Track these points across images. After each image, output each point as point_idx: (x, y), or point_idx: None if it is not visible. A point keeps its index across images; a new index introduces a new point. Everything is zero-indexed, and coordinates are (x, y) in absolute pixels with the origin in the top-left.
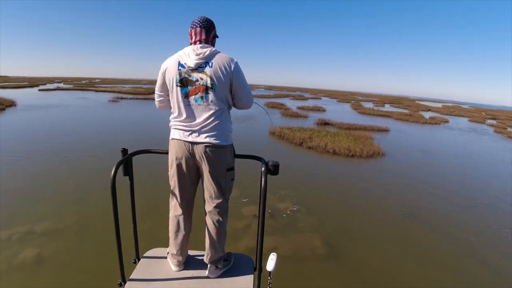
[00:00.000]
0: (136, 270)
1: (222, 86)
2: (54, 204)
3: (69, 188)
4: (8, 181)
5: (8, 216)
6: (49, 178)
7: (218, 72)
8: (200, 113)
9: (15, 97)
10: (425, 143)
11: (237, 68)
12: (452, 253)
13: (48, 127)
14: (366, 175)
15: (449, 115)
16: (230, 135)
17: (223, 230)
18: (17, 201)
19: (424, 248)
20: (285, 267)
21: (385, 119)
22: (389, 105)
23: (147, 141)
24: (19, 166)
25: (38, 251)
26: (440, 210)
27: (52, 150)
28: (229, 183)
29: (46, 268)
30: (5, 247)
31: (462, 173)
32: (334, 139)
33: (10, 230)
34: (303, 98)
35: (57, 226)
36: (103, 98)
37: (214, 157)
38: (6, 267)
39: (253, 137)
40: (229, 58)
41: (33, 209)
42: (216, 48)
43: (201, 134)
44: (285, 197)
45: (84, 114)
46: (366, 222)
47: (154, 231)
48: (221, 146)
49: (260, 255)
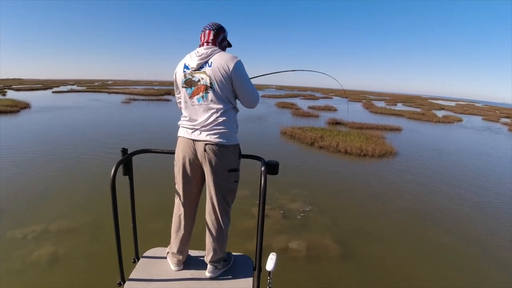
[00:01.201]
0: (136, 270)
1: (222, 85)
2: (68, 204)
3: (84, 187)
4: (24, 180)
5: (24, 215)
6: (64, 178)
7: (217, 71)
8: (202, 113)
9: (30, 99)
10: (439, 142)
11: (237, 66)
12: (467, 253)
13: (62, 128)
14: (379, 174)
15: (463, 113)
16: (233, 135)
17: (223, 232)
18: (32, 200)
19: (439, 248)
20: (298, 267)
21: (397, 118)
22: (401, 104)
23: (160, 141)
24: (35, 166)
25: (52, 249)
26: (454, 210)
27: (67, 150)
28: (231, 185)
29: (58, 267)
30: (20, 246)
31: (476, 172)
32: (345, 138)
33: (26, 229)
34: (314, 98)
35: (71, 225)
36: (116, 99)
37: (214, 156)
38: (21, 266)
39: (264, 136)
40: (230, 57)
41: (48, 209)
42: (221, 49)
43: (202, 132)
44: (298, 196)
45: (98, 115)
46: (379, 221)
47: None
48: (222, 145)
49: (259, 255)
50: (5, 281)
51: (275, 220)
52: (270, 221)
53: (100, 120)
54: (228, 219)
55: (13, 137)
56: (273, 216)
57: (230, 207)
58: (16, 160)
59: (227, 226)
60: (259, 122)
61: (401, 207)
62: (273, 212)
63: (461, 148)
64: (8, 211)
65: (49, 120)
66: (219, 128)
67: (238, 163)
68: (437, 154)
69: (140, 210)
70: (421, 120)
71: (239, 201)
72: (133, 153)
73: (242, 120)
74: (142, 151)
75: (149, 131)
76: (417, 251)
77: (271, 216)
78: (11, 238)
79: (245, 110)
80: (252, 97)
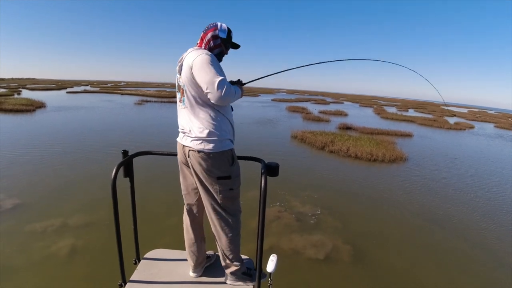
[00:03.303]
0: (137, 271)
1: (189, 84)
2: (86, 199)
3: (101, 183)
4: (43, 176)
5: (44, 209)
6: (81, 173)
7: (185, 72)
8: (185, 117)
9: (45, 99)
10: (449, 148)
11: (198, 59)
12: (475, 258)
13: (79, 126)
14: (388, 179)
15: (475, 120)
16: (219, 141)
17: (222, 240)
18: (51, 195)
19: (448, 252)
20: (310, 266)
21: (408, 124)
22: (412, 110)
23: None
24: (53, 163)
25: (71, 242)
26: (464, 216)
27: (85, 148)
28: (226, 193)
29: (76, 260)
30: (40, 239)
31: (487, 179)
32: (356, 143)
33: (45, 223)
34: (325, 103)
35: (89, 219)
36: (129, 100)
37: (197, 163)
38: (40, 258)
39: (275, 140)
40: (195, 53)
41: (66, 203)
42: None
43: (186, 137)
44: (308, 199)
45: (113, 115)
46: (389, 225)
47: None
48: (204, 152)
49: (260, 256)
50: (26, 271)
51: (286, 222)
52: (282, 223)
53: (115, 120)
54: (230, 227)
55: (30, 135)
56: (284, 217)
57: (232, 215)
58: (35, 157)
59: (230, 234)
60: (270, 126)
61: (411, 211)
62: (284, 214)
63: (472, 154)
64: (28, 205)
65: (66, 119)
66: (200, 135)
67: (230, 170)
68: (447, 160)
69: (152, 208)
70: (432, 126)
71: (246, 202)
72: (134, 155)
73: (252, 123)
74: (142, 153)
75: (162, 132)
76: (426, 255)
77: (282, 217)
78: (31, 231)
79: (253, 112)
80: (211, 88)
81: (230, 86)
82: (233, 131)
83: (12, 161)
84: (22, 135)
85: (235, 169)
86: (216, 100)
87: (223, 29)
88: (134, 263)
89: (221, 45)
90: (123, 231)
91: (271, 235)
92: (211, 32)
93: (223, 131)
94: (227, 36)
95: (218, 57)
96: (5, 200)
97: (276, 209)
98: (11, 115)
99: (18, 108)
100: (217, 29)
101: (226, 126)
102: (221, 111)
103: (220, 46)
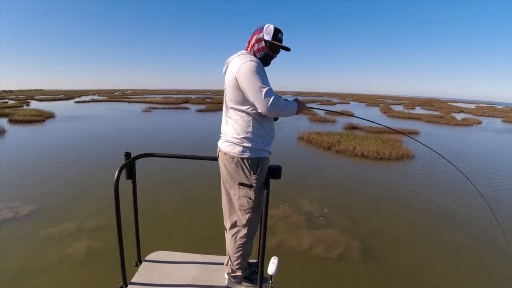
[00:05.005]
0: (138, 274)
1: (231, 89)
2: (99, 204)
3: (111, 189)
4: (57, 182)
5: (59, 214)
6: (94, 179)
7: (228, 77)
8: (223, 119)
9: (54, 109)
10: (456, 144)
11: (244, 68)
12: (485, 254)
13: (88, 134)
14: (395, 177)
15: (483, 116)
16: (248, 146)
17: (233, 248)
18: (66, 200)
19: (457, 250)
20: (318, 264)
21: (415, 121)
22: (419, 108)
23: (197, 148)
24: (65, 171)
25: (86, 245)
26: (473, 212)
27: (95, 154)
28: (243, 200)
29: (92, 262)
30: (56, 242)
31: (495, 175)
32: (362, 142)
33: (61, 227)
34: (331, 103)
35: (103, 223)
36: (136, 108)
37: (224, 165)
38: (58, 260)
39: (282, 142)
40: (241, 58)
41: (80, 208)
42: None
43: (221, 138)
44: (316, 198)
45: (121, 123)
46: (397, 223)
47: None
48: (230, 155)
49: (262, 258)
50: (44, 273)
51: (295, 221)
52: (290, 221)
53: (124, 127)
54: (242, 236)
55: (42, 144)
56: (293, 216)
57: (247, 226)
58: (48, 165)
59: (240, 243)
60: (276, 128)
61: (418, 208)
62: (293, 213)
63: (479, 150)
64: (44, 211)
65: (75, 128)
66: (230, 138)
67: (253, 179)
68: (454, 156)
69: (160, 210)
70: (440, 123)
71: None
72: (136, 157)
73: None
74: (145, 155)
75: (172, 138)
76: (435, 252)
77: (291, 216)
78: (48, 235)
79: None
80: (259, 100)
81: (278, 97)
82: (270, 141)
83: (26, 170)
84: (34, 145)
85: (259, 179)
86: (264, 110)
87: (268, 31)
88: (135, 265)
89: (265, 48)
90: (128, 233)
91: (279, 233)
92: (256, 35)
93: (255, 138)
94: (272, 38)
95: (263, 60)
96: (21, 207)
97: (284, 208)
98: (22, 126)
99: (28, 119)
100: (262, 31)
101: (260, 134)
102: (258, 119)
103: (264, 49)
